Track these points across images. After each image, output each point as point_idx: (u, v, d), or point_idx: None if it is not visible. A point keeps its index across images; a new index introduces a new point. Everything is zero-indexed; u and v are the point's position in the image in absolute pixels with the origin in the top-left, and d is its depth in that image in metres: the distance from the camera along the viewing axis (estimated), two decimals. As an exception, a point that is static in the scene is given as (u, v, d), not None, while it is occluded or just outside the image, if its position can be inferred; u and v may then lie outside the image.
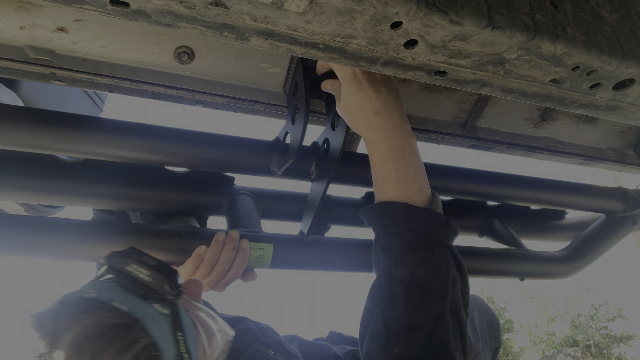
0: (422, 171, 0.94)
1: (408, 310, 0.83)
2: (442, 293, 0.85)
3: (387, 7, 0.63)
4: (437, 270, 0.86)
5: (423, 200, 0.92)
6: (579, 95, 0.85)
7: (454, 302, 0.87)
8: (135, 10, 0.63)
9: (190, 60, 1.00)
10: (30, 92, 1.75)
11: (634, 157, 1.46)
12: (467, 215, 1.68)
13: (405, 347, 0.81)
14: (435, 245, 0.88)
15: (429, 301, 0.84)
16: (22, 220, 1.04)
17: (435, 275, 0.86)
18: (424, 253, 0.87)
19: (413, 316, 0.83)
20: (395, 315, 0.84)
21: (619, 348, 12.32)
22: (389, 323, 0.84)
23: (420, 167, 0.94)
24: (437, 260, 0.87)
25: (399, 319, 0.84)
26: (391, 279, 0.88)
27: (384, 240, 0.92)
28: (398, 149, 0.92)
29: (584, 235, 1.68)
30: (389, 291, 0.87)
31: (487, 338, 1.61)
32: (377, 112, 0.92)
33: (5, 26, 0.89)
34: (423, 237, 0.88)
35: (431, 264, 0.86)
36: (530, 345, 14.22)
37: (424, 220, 0.89)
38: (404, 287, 0.86)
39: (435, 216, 0.91)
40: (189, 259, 1.06)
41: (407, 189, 0.91)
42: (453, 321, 0.85)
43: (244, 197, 1.34)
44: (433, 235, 0.89)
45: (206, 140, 1.10)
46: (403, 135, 0.93)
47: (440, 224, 0.90)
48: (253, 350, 1.03)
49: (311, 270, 1.23)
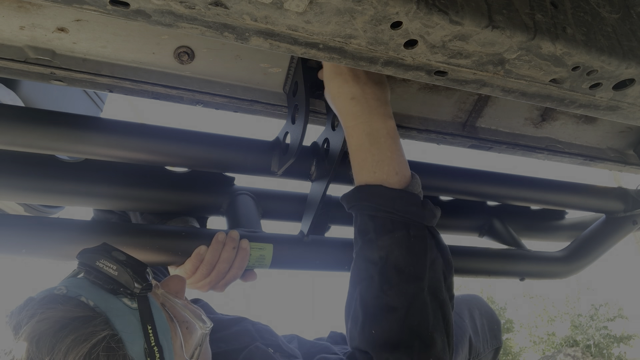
0: (398, 153, 0.94)
1: (384, 290, 0.84)
2: (418, 273, 0.85)
3: (387, 7, 0.63)
4: (413, 250, 0.87)
5: (400, 182, 0.92)
6: (579, 95, 0.85)
7: (433, 282, 0.86)
8: (135, 10, 0.63)
9: (190, 60, 1.00)
10: (30, 92, 1.75)
11: (634, 157, 1.46)
12: (468, 215, 1.68)
13: (382, 328, 0.82)
14: (412, 226, 0.88)
15: (404, 281, 0.84)
16: (21, 220, 1.04)
17: (411, 255, 0.86)
18: (398, 234, 0.87)
19: (389, 296, 0.83)
20: (372, 296, 0.85)
21: (619, 348, 12.31)
22: (366, 304, 0.85)
23: (397, 150, 0.94)
24: (413, 240, 0.87)
25: (375, 299, 0.84)
26: (367, 261, 0.88)
27: (360, 223, 0.92)
28: (373, 132, 0.92)
29: (584, 236, 1.68)
30: (366, 273, 0.88)
31: (488, 338, 1.61)
32: (353, 96, 0.93)
33: (5, 26, 0.89)
34: (398, 218, 0.88)
35: (406, 244, 0.87)
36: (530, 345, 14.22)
37: (399, 202, 0.89)
38: (379, 268, 0.86)
39: (411, 197, 0.91)
40: (189, 259, 1.06)
41: (382, 171, 0.91)
42: (433, 302, 0.85)
43: (244, 197, 1.34)
44: (408, 216, 0.89)
45: (206, 140, 1.10)
46: (379, 119, 0.93)
47: (416, 204, 0.90)
48: (253, 348, 1.04)
49: (311, 270, 1.23)
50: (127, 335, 0.72)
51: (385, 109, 0.94)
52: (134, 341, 0.72)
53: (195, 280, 1.07)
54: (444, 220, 1.66)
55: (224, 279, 1.08)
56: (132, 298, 0.76)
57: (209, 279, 1.06)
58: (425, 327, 0.82)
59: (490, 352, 1.61)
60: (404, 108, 1.21)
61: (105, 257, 0.78)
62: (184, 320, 0.82)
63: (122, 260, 0.78)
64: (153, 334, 0.74)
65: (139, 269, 0.78)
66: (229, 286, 1.11)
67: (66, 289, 0.75)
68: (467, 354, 1.50)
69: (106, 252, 0.80)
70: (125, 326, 0.73)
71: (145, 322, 0.75)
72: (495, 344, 1.63)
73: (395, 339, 0.81)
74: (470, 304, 1.65)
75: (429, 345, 0.82)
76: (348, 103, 0.93)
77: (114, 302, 0.75)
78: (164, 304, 0.82)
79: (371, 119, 0.93)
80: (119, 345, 0.70)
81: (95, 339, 0.68)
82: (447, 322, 0.87)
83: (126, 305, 0.75)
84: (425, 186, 1.34)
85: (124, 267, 0.77)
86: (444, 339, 0.85)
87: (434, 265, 0.88)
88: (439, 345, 0.83)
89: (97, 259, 0.78)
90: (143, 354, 0.72)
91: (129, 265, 0.78)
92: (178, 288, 0.91)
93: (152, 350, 0.73)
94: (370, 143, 0.92)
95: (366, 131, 0.93)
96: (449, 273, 0.91)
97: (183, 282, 0.92)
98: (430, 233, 0.91)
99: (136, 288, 0.76)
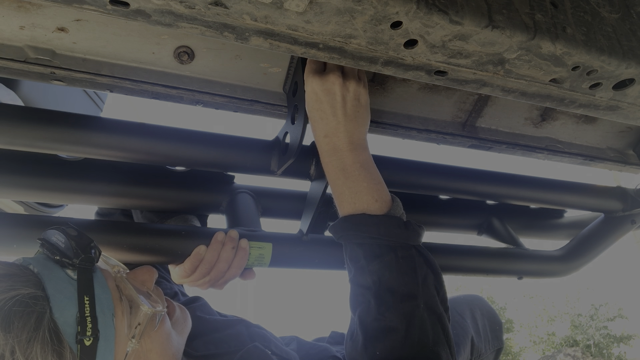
0: (375, 181, 0.97)
1: (382, 313, 0.87)
2: (412, 292, 0.88)
3: (387, 7, 0.63)
4: (403, 271, 0.90)
5: (381, 208, 0.95)
6: (579, 95, 0.85)
7: (427, 298, 0.89)
8: (135, 10, 0.64)
9: (190, 60, 1.00)
10: (30, 91, 1.75)
11: (634, 157, 1.46)
12: (466, 214, 1.68)
13: (385, 348, 0.84)
14: (398, 248, 0.92)
15: (399, 301, 0.87)
16: (22, 219, 1.04)
17: (402, 275, 0.89)
18: (387, 257, 0.90)
19: (387, 318, 0.86)
20: (371, 319, 0.88)
21: (619, 348, 12.32)
22: (366, 327, 0.88)
23: (372, 179, 0.97)
24: (401, 262, 0.90)
25: (374, 322, 0.87)
26: (362, 287, 0.92)
27: (350, 251, 0.96)
28: (346, 167, 0.96)
29: (582, 235, 1.68)
30: (362, 298, 0.91)
31: (490, 339, 1.61)
32: (325, 134, 0.97)
33: (5, 26, 0.89)
34: (385, 242, 0.92)
35: (396, 266, 0.90)
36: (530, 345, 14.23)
37: (383, 227, 0.92)
38: (373, 292, 0.89)
39: (393, 220, 0.94)
40: (188, 258, 1.06)
41: (361, 201, 0.95)
42: (431, 317, 0.87)
43: (244, 195, 1.34)
44: (393, 239, 0.92)
45: (206, 139, 1.10)
46: (350, 155, 0.96)
47: (399, 226, 0.93)
48: (251, 348, 1.04)
49: (310, 268, 1.24)
50: (57, 300, 0.75)
51: (358, 140, 0.97)
52: (65, 307, 0.76)
53: (194, 278, 1.07)
54: (443, 219, 1.66)
55: (223, 277, 1.09)
56: (74, 269, 0.81)
57: (208, 278, 1.07)
58: (426, 343, 0.84)
59: (491, 353, 1.61)
60: (404, 108, 1.21)
61: (60, 231, 0.84)
62: (133, 301, 0.85)
63: (71, 235, 0.84)
64: (90, 305, 0.77)
65: (82, 242, 0.83)
66: (227, 284, 1.12)
67: (23, 259, 0.83)
68: (469, 354, 1.50)
69: (62, 228, 0.85)
70: (58, 291, 0.76)
71: (83, 292, 0.78)
72: (496, 344, 1.63)
73: (398, 357, 0.83)
74: (472, 304, 1.65)
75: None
76: (322, 140, 0.98)
77: (57, 271, 0.80)
78: (118, 286, 0.86)
79: (343, 155, 0.96)
80: (39, 302, 0.74)
81: (13, 293, 0.73)
82: (447, 335, 0.89)
83: (67, 276, 0.80)
84: (425, 186, 1.35)
85: (69, 240, 0.82)
86: (447, 351, 0.86)
87: (426, 281, 0.91)
88: (444, 359, 0.85)
89: (54, 234, 0.85)
90: (74, 322, 0.75)
91: (74, 238, 0.83)
92: (145, 278, 0.94)
93: (85, 320, 0.76)
94: (345, 177, 0.96)
95: (339, 167, 0.96)
96: (441, 287, 0.94)
97: (151, 273, 0.95)
98: (417, 251, 0.94)
99: (76, 259, 0.81)
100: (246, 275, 1.15)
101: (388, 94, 1.18)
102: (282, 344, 1.21)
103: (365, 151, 0.99)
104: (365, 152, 0.98)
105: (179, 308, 1.00)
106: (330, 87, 0.94)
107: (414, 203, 1.55)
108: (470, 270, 1.48)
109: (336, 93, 0.94)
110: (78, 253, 0.81)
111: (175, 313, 0.98)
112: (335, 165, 0.97)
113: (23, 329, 0.71)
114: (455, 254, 1.45)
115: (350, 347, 0.90)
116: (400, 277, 0.89)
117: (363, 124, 0.99)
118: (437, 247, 1.44)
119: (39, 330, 0.71)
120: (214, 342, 1.10)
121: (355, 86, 0.96)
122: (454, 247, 1.47)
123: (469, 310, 1.61)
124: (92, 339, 0.76)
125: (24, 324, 0.71)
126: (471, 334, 1.52)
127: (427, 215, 1.61)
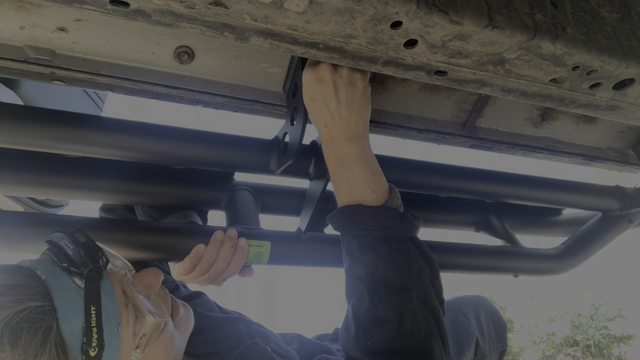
0: (372, 172, 0.96)
1: (374, 304, 0.87)
2: (405, 284, 0.88)
3: (387, 7, 0.63)
4: (397, 263, 0.89)
5: (377, 199, 0.94)
6: (579, 95, 0.85)
7: (421, 291, 0.89)
8: (135, 10, 0.64)
9: (190, 60, 1.00)
10: (30, 91, 1.75)
11: (633, 157, 1.46)
12: (465, 211, 1.68)
13: (377, 339, 0.85)
14: (393, 240, 0.91)
15: (392, 293, 0.87)
16: (23, 217, 1.04)
17: (396, 268, 0.89)
18: (381, 249, 0.90)
19: (380, 310, 0.86)
20: (364, 310, 0.88)
21: (619, 348, 12.33)
22: (359, 318, 0.88)
23: (370, 169, 0.96)
24: (396, 254, 0.90)
25: (367, 313, 0.87)
26: (356, 279, 0.92)
27: (346, 242, 0.96)
28: (343, 158, 0.96)
29: (579, 233, 1.69)
30: (356, 290, 0.91)
31: (494, 340, 1.61)
32: (325, 124, 0.96)
33: (5, 26, 0.89)
34: (380, 234, 0.92)
35: (390, 258, 0.90)
36: (530, 345, 14.24)
37: (379, 219, 0.92)
38: (367, 284, 0.89)
39: (390, 212, 0.93)
40: (188, 256, 1.07)
41: (358, 192, 0.95)
42: (424, 310, 0.87)
43: (243, 192, 1.35)
44: (389, 231, 0.92)
45: (205, 139, 1.10)
46: (346, 145, 0.96)
47: (395, 218, 0.93)
48: (251, 344, 1.04)
49: (308, 266, 1.24)
50: (64, 311, 0.74)
51: (356, 130, 0.96)
52: (72, 318, 0.74)
53: (193, 276, 1.08)
54: (442, 215, 1.66)
55: (222, 275, 1.10)
56: (81, 278, 0.79)
57: (207, 275, 1.08)
58: (419, 335, 0.85)
59: (495, 355, 1.61)
60: (404, 108, 1.21)
61: (68, 236, 0.82)
62: (139, 310, 0.84)
63: (79, 242, 0.82)
64: (96, 315, 0.76)
65: (91, 251, 0.82)
66: (226, 281, 1.13)
67: (30, 262, 0.80)
68: (474, 355, 1.50)
69: (71, 233, 0.83)
70: (65, 302, 0.75)
71: (90, 302, 0.77)
72: (500, 346, 1.63)
73: (389, 349, 0.83)
74: (476, 306, 1.65)
75: (426, 354, 0.84)
76: (321, 130, 0.98)
77: (64, 279, 0.78)
78: (124, 291, 0.85)
79: (341, 145, 0.96)
80: (47, 317, 0.72)
81: (20, 307, 0.71)
82: (441, 328, 0.89)
83: (75, 284, 0.78)
84: (424, 185, 1.35)
85: (78, 248, 0.81)
86: (439, 344, 0.87)
87: (421, 274, 0.91)
88: (436, 352, 0.85)
89: (62, 239, 0.83)
90: (80, 332, 0.74)
91: (83, 246, 0.81)
92: (151, 281, 0.93)
93: (91, 330, 0.75)
94: (343, 168, 0.96)
95: (337, 157, 0.96)
96: (436, 279, 0.93)
97: (157, 276, 0.95)
98: (413, 244, 0.93)
99: (84, 269, 0.79)
100: (245, 273, 1.16)
101: (388, 94, 1.18)
102: (282, 342, 1.22)
103: (362, 141, 0.97)
104: (362, 142, 0.97)
105: (183, 306, 1.00)
106: (322, 74, 0.94)
107: (412, 200, 1.55)
108: (467, 268, 1.48)
109: (328, 80, 0.93)
110: (86, 263, 0.80)
111: (179, 313, 0.97)
112: (334, 156, 0.97)
113: (30, 345, 0.70)
114: (451, 251, 1.46)
115: (344, 337, 0.90)
116: (394, 269, 0.89)
117: (361, 111, 0.97)
118: (433, 244, 1.44)
119: (45, 346, 0.71)
120: (213, 340, 1.10)
121: (348, 71, 0.94)
122: (449, 245, 1.47)
123: (473, 311, 1.61)
124: (97, 349, 0.75)
125: (31, 340, 0.71)
126: (476, 335, 1.52)
127: (425, 212, 1.60)
